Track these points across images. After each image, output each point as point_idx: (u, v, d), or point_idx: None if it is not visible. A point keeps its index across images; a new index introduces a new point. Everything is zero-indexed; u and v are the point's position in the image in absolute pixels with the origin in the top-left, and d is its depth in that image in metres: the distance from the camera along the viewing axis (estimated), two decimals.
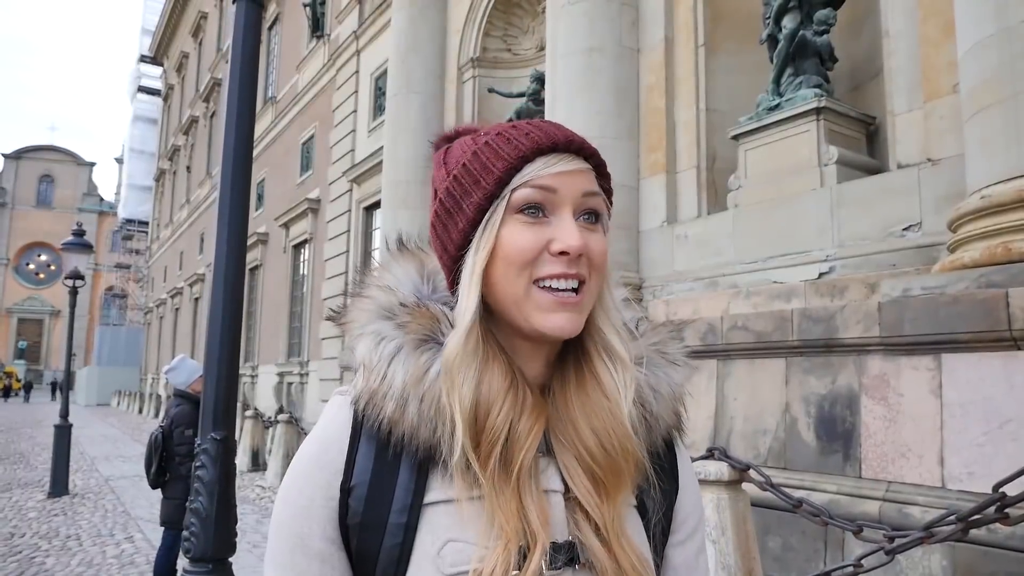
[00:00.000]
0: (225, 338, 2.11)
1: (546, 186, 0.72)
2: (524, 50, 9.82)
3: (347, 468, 0.71)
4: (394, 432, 0.70)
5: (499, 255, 0.72)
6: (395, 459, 0.71)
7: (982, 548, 3.09)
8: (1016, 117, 3.34)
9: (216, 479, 2.02)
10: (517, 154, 0.73)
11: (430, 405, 0.70)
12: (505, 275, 0.72)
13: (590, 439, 0.73)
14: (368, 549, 0.70)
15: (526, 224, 0.72)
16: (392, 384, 0.71)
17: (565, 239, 0.71)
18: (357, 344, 0.76)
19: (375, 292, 0.79)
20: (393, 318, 0.75)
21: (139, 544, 6.55)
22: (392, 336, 0.73)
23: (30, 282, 62.56)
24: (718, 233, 5.56)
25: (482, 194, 0.73)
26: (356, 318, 0.78)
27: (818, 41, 5.22)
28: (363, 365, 0.74)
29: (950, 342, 3.41)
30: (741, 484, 3.13)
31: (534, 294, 0.71)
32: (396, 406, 0.70)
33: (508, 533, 0.67)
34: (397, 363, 0.72)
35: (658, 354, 0.81)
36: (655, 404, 0.78)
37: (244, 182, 2.25)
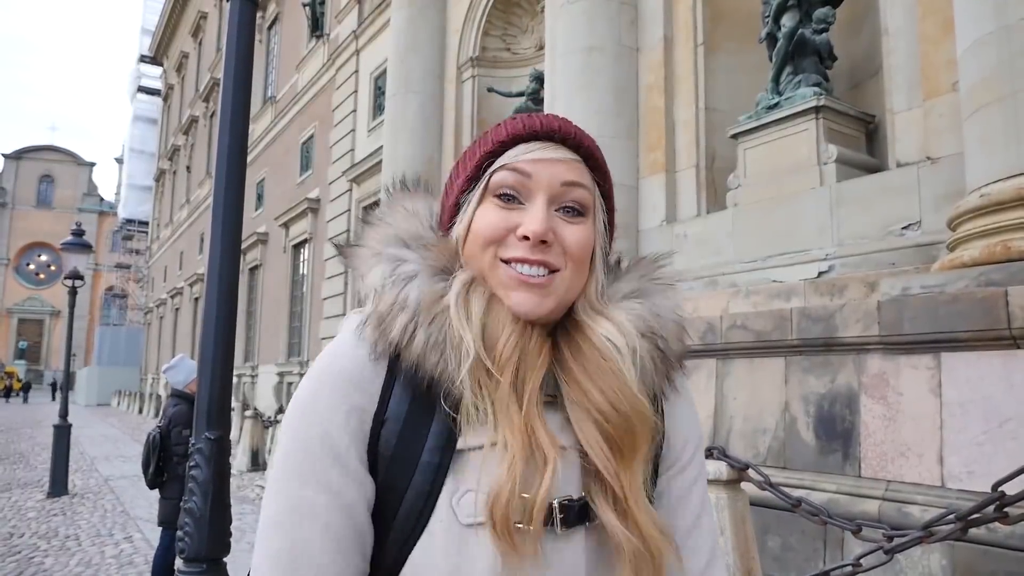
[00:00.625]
0: (220, 338, 2.11)
1: (520, 169, 0.74)
2: (523, 49, 9.81)
3: (382, 400, 0.70)
4: (404, 359, 0.69)
5: (470, 234, 0.75)
6: (428, 400, 0.70)
7: (982, 547, 3.08)
8: (1016, 115, 3.33)
9: (210, 479, 2.01)
10: (498, 139, 0.76)
11: (439, 330, 0.69)
12: (473, 253, 0.75)
13: (601, 400, 0.72)
14: (396, 484, 0.68)
15: (498, 207, 0.74)
16: (404, 305, 0.71)
17: (528, 224, 0.72)
18: (372, 268, 0.75)
19: (397, 218, 0.79)
20: (413, 244, 0.75)
21: (138, 544, 6.54)
22: (411, 260, 0.74)
23: (30, 282, 62.57)
24: (717, 232, 5.55)
25: (464, 177, 0.77)
26: (373, 240, 0.77)
27: (817, 39, 5.21)
28: (374, 290, 0.74)
29: (949, 341, 3.40)
30: (740, 483, 3.12)
31: (500, 270, 0.73)
32: (404, 329, 0.69)
33: (515, 449, 0.66)
34: (411, 285, 0.72)
35: (649, 282, 0.81)
36: (662, 329, 0.78)
37: (239, 181, 2.24)
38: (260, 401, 17.01)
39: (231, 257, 2.16)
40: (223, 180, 2.18)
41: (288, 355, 16.35)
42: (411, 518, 0.67)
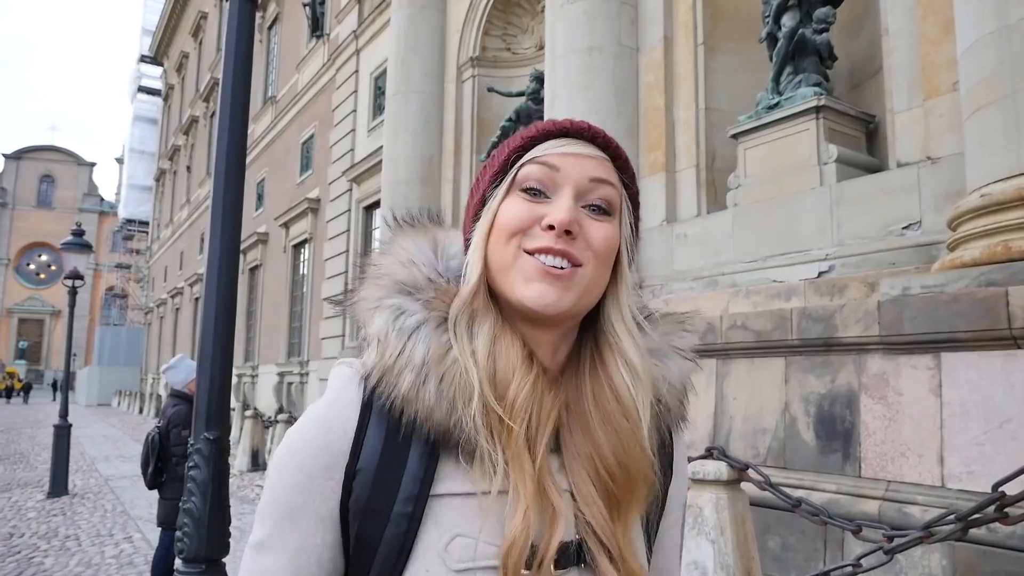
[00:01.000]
0: (218, 338, 2.10)
1: (548, 163, 0.74)
2: (523, 49, 9.81)
3: (354, 450, 0.70)
4: (407, 412, 0.68)
5: (495, 226, 0.74)
6: (405, 444, 0.69)
7: (982, 548, 3.08)
8: (1016, 115, 3.33)
9: (209, 479, 2.00)
10: (528, 135, 0.76)
11: (450, 384, 0.68)
12: (496, 244, 0.74)
13: (609, 455, 0.72)
14: (369, 536, 0.69)
15: (524, 200, 0.74)
16: (411, 360, 0.69)
17: (553, 213, 0.72)
18: (372, 318, 0.74)
19: (393, 267, 0.77)
20: (415, 293, 0.74)
21: (138, 544, 6.54)
22: (413, 311, 0.72)
23: (31, 282, 62.59)
24: (717, 232, 5.55)
25: (491, 172, 0.77)
26: (370, 293, 0.76)
27: (817, 39, 5.21)
28: (377, 340, 0.72)
29: (950, 341, 3.39)
30: (740, 484, 3.12)
31: (520, 261, 0.72)
32: (412, 384, 0.69)
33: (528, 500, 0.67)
34: (417, 339, 0.70)
35: (671, 347, 0.81)
36: (667, 396, 0.78)
37: (238, 180, 2.24)
38: (260, 401, 17.01)
39: (230, 257, 2.15)
40: (222, 179, 2.18)
41: (288, 355, 16.35)
42: (386, 569, 0.68)
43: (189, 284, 26.82)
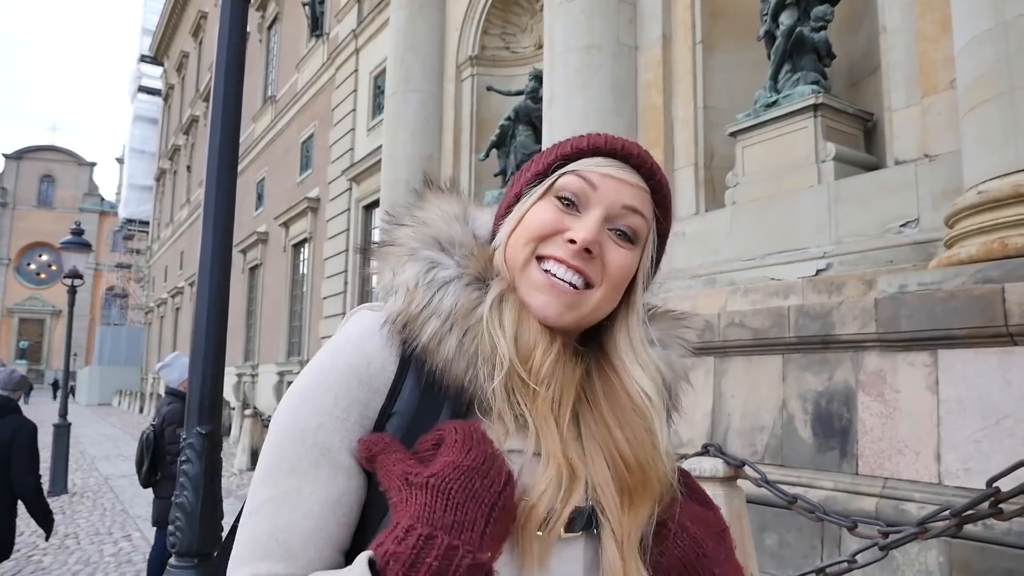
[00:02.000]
0: (211, 333, 2.11)
1: (588, 179, 0.75)
2: (523, 48, 9.81)
3: (392, 392, 0.69)
4: (428, 363, 0.68)
5: (521, 224, 0.75)
6: (437, 393, 0.69)
7: (978, 544, 3.08)
8: (1012, 112, 3.33)
9: (201, 473, 2.01)
10: (578, 146, 0.77)
11: (472, 341, 0.69)
12: (516, 243, 0.75)
13: (624, 445, 0.73)
14: None
15: (556, 208, 0.75)
16: (437, 310, 0.69)
17: (578, 230, 0.73)
18: (404, 266, 0.73)
19: (434, 220, 0.77)
20: (450, 250, 0.74)
21: (137, 543, 6.55)
22: (446, 265, 0.73)
23: (31, 282, 62.62)
24: (716, 230, 5.55)
25: (533, 173, 0.78)
26: (406, 240, 0.75)
27: (815, 37, 5.21)
28: (406, 287, 0.71)
29: (946, 338, 3.39)
30: (736, 481, 3.11)
31: (531, 269, 0.74)
32: (434, 333, 0.69)
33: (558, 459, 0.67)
34: (447, 292, 0.71)
35: (672, 337, 0.83)
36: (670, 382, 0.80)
37: (230, 177, 2.24)
38: (260, 400, 17.01)
39: (223, 251, 2.16)
40: (214, 176, 2.18)
41: (288, 354, 16.35)
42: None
43: (189, 284, 26.83)
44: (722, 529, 0.80)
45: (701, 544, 0.75)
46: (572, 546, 0.69)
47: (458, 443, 0.63)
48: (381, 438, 0.66)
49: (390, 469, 0.63)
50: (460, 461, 0.61)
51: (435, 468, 0.61)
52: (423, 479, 0.60)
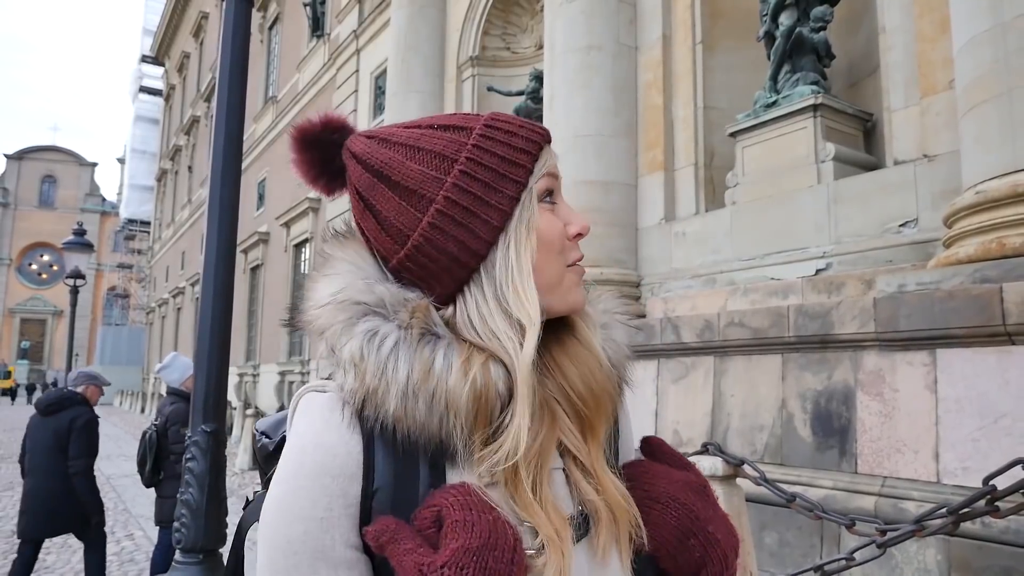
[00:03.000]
0: (215, 332, 2.12)
1: (555, 173, 0.76)
2: (523, 48, 9.83)
3: (366, 472, 0.67)
4: (399, 431, 0.67)
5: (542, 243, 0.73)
6: (411, 458, 0.68)
7: (976, 542, 3.09)
8: (1011, 113, 3.34)
9: (206, 471, 2.03)
10: (536, 147, 0.75)
11: (440, 400, 0.67)
12: (547, 261, 0.74)
13: (578, 382, 0.76)
14: None
15: (550, 212, 0.75)
16: (395, 381, 0.67)
17: (579, 222, 0.76)
18: (344, 344, 0.70)
19: (353, 288, 0.73)
20: (384, 312, 0.71)
21: (139, 542, 6.57)
22: (387, 332, 0.70)
23: (33, 282, 62.67)
24: (716, 230, 5.57)
25: (515, 188, 0.72)
26: (334, 318, 0.72)
27: (815, 38, 5.22)
28: (353, 364, 0.69)
29: (945, 337, 3.41)
30: (736, 479, 3.13)
31: (568, 275, 0.76)
32: (399, 403, 0.67)
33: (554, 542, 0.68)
34: (398, 359, 0.68)
35: (612, 317, 0.85)
36: (613, 355, 0.82)
37: (234, 175, 2.26)
38: (262, 400, 17.04)
39: (227, 251, 2.17)
40: (219, 174, 2.20)
41: (289, 354, 16.37)
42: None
43: (190, 284, 26.85)
44: (703, 485, 0.83)
45: (691, 508, 0.79)
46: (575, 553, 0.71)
47: (459, 523, 0.63)
48: (386, 526, 0.65)
49: (402, 561, 0.63)
50: (468, 544, 0.62)
51: (445, 556, 0.62)
52: (437, 571, 0.61)
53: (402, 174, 0.73)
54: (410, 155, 0.74)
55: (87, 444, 4.48)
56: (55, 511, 4.38)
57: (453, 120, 0.76)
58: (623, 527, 0.75)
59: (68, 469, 4.37)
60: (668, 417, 4.98)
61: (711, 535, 0.78)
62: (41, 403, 4.63)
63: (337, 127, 0.79)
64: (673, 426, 4.92)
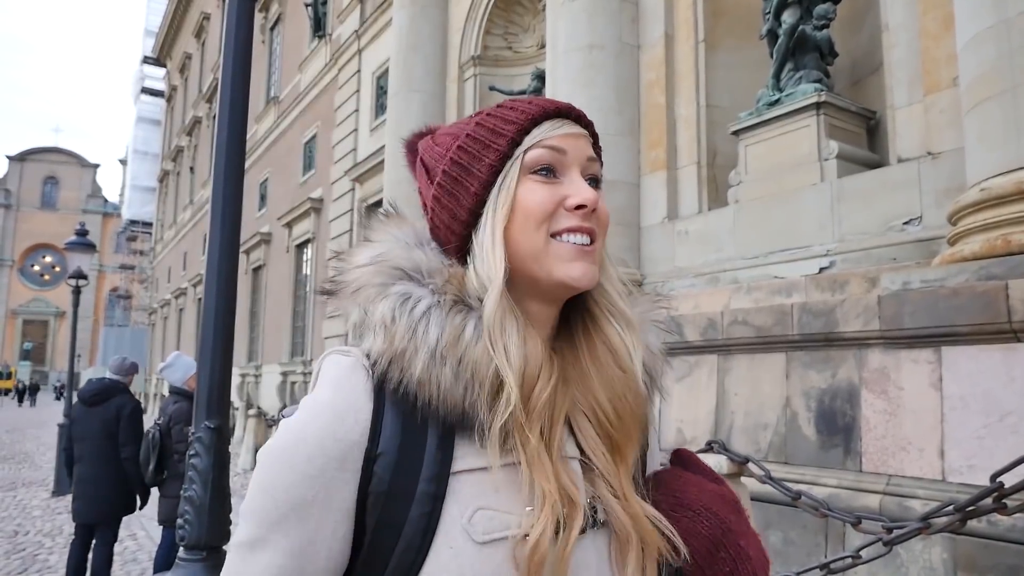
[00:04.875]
0: (219, 328, 2.12)
1: (556, 147, 0.76)
2: (525, 48, 9.82)
3: (372, 436, 0.68)
4: (421, 395, 0.68)
5: (517, 213, 0.74)
6: (423, 425, 0.69)
7: (983, 541, 3.08)
8: (1015, 109, 3.33)
9: (210, 467, 2.02)
10: (526, 118, 0.76)
11: (467, 367, 0.69)
12: (524, 231, 0.74)
13: (607, 405, 0.75)
14: (392, 519, 0.68)
15: (540, 183, 0.75)
16: (425, 343, 0.69)
17: (582, 193, 0.75)
18: (376, 305, 0.72)
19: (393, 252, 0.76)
20: (420, 278, 0.73)
21: (142, 541, 6.57)
22: (420, 296, 0.72)
23: (35, 283, 62.79)
24: (719, 229, 5.56)
25: (495, 156, 0.76)
26: (370, 279, 0.74)
27: (818, 36, 5.21)
28: (383, 326, 0.71)
29: (950, 335, 3.40)
30: (740, 477, 3.12)
31: (553, 246, 0.74)
32: (425, 367, 0.68)
33: (554, 495, 0.68)
34: (430, 324, 0.70)
35: (649, 321, 0.85)
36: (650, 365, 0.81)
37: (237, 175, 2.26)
38: (264, 400, 17.03)
39: (231, 246, 2.17)
40: (222, 167, 2.20)
41: (291, 355, 16.37)
42: (411, 550, 0.67)
43: (192, 284, 26.86)
44: (735, 501, 0.82)
45: (724, 520, 0.78)
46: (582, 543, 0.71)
47: None
48: None
49: None
50: None
51: None
52: None
53: (428, 156, 0.82)
54: (437, 139, 0.82)
55: (135, 431, 4.77)
56: (104, 496, 4.70)
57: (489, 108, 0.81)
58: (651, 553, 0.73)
59: (120, 455, 4.68)
60: (672, 415, 4.97)
61: (742, 550, 0.76)
62: (87, 394, 4.94)
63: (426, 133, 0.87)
64: (677, 424, 4.91)
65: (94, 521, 4.78)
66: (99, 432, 4.70)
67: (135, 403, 4.99)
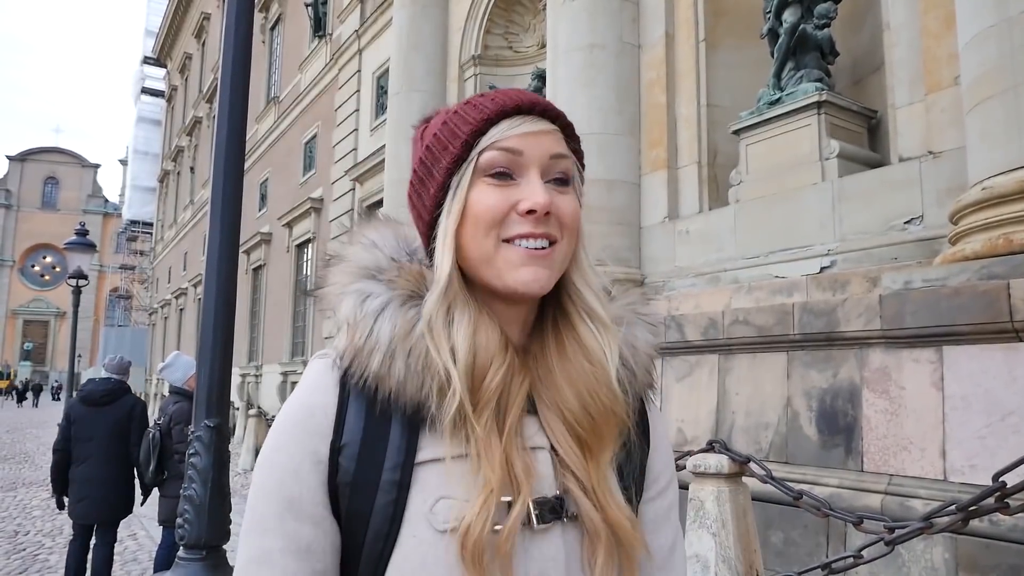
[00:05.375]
0: (219, 326, 2.12)
1: (511, 148, 0.74)
2: (525, 48, 9.81)
3: (336, 428, 0.71)
4: (381, 389, 0.70)
5: (468, 216, 0.74)
6: (384, 417, 0.71)
7: (984, 541, 3.08)
8: (1016, 108, 3.32)
9: (210, 466, 2.02)
10: (482, 118, 0.75)
11: (418, 360, 0.70)
12: (474, 236, 0.74)
13: (573, 402, 0.74)
14: (360, 508, 0.70)
15: (493, 186, 0.74)
16: (378, 339, 0.71)
17: (532, 197, 0.73)
18: (340, 304, 0.75)
19: (356, 252, 0.79)
20: (378, 275, 0.75)
21: (142, 541, 6.57)
22: (377, 293, 0.74)
23: (35, 284, 62.80)
24: (719, 228, 5.55)
25: (450, 159, 0.75)
26: (337, 280, 0.77)
27: (819, 35, 5.20)
28: (347, 323, 0.74)
29: (951, 334, 3.39)
30: (741, 477, 3.12)
31: (503, 251, 0.73)
32: (382, 361, 0.70)
33: (492, 484, 0.68)
34: (383, 319, 0.72)
35: (634, 314, 0.83)
36: (632, 361, 0.80)
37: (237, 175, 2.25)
38: (264, 400, 17.03)
39: (230, 248, 2.16)
40: (222, 168, 2.19)
41: (292, 355, 16.37)
42: (379, 539, 0.69)
43: (193, 285, 26.86)
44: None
45: None
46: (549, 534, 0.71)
47: None
48: None
49: None
50: None
51: None
52: None
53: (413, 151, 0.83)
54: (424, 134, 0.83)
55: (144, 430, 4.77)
56: (109, 497, 4.67)
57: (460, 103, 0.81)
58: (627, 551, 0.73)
59: (127, 454, 4.68)
60: (672, 416, 4.97)
61: None
62: (95, 394, 4.84)
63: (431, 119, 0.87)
64: (678, 424, 4.91)
65: (96, 522, 4.76)
66: (107, 433, 4.66)
67: (143, 402, 5.02)
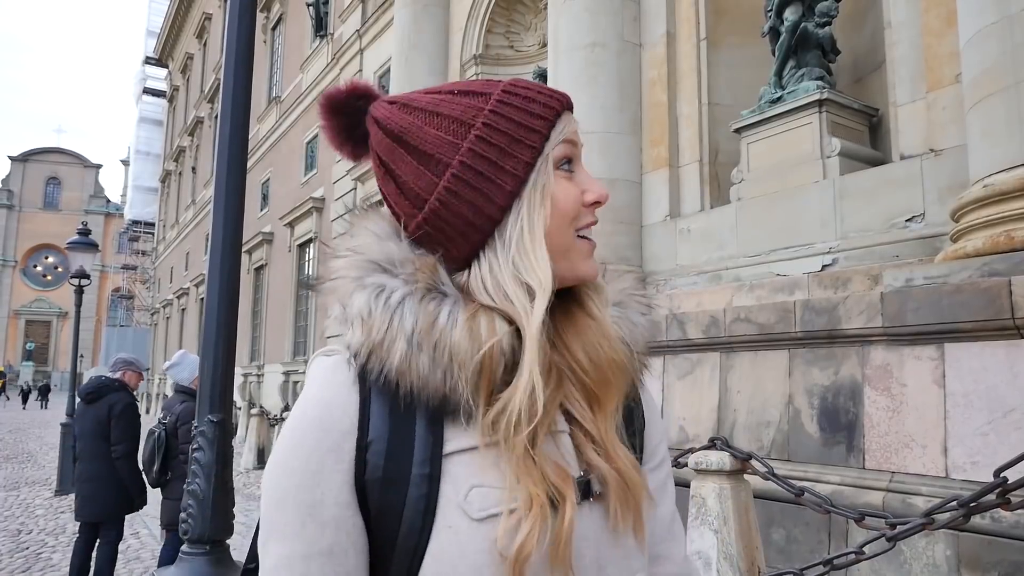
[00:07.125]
0: (221, 322, 2.12)
1: (574, 140, 0.76)
2: (527, 47, 9.82)
3: (361, 425, 0.69)
4: (402, 383, 0.69)
5: (556, 211, 0.74)
6: (408, 412, 0.70)
7: (986, 537, 3.08)
8: (1018, 106, 3.33)
9: (213, 461, 2.03)
10: (553, 113, 0.75)
11: (443, 352, 0.69)
12: (557, 229, 0.74)
13: (580, 354, 0.75)
14: (392, 503, 0.68)
15: (566, 179, 0.75)
16: (400, 333, 0.69)
17: (597, 190, 0.75)
18: (351, 298, 0.73)
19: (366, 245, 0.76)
20: (391, 269, 0.73)
21: (144, 540, 6.58)
22: (394, 287, 0.72)
23: (37, 284, 62.90)
24: (721, 227, 5.55)
25: (531, 153, 0.73)
26: (347, 273, 0.74)
27: (820, 33, 5.21)
28: (360, 319, 0.71)
29: (953, 332, 3.39)
30: (743, 474, 3.12)
31: (578, 243, 0.75)
32: (403, 356, 0.68)
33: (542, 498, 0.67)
34: (404, 312, 0.70)
35: (631, 298, 0.84)
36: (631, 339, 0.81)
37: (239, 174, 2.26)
38: (266, 400, 17.05)
39: (232, 247, 2.17)
40: (224, 167, 2.20)
41: (294, 354, 16.40)
42: (414, 532, 0.68)
43: (195, 285, 26.89)
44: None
45: None
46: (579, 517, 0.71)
47: None
48: None
49: None
50: None
51: None
52: None
53: (420, 139, 0.75)
54: (429, 120, 0.75)
55: (127, 429, 4.72)
56: (102, 494, 4.66)
57: (473, 86, 0.77)
58: (634, 494, 0.74)
59: (111, 454, 4.61)
60: (674, 413, 4.97)
61: None
62: (83, 391, 4.90)
63: (362, 93, 0.82)
64: (679, 422, 4.91)
65: (94, 519, 4.77)
66: (91, 430, 4.70)
67: (128, 400, 4.88)
